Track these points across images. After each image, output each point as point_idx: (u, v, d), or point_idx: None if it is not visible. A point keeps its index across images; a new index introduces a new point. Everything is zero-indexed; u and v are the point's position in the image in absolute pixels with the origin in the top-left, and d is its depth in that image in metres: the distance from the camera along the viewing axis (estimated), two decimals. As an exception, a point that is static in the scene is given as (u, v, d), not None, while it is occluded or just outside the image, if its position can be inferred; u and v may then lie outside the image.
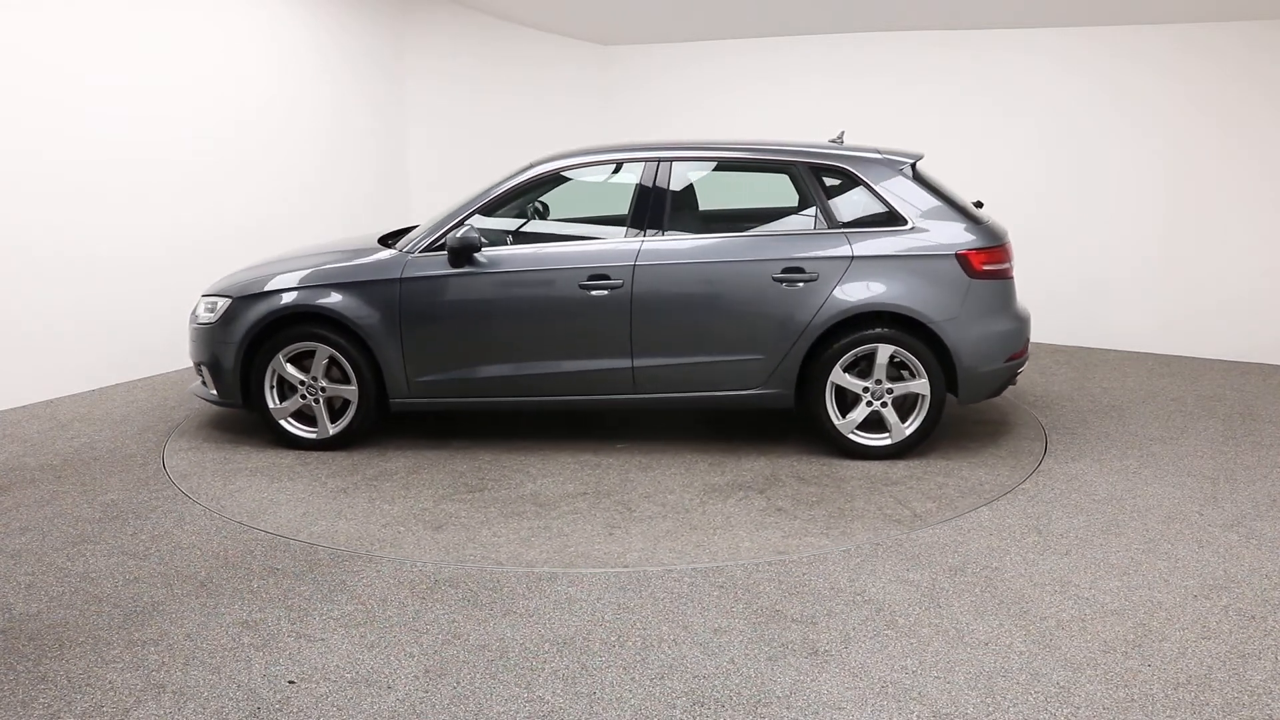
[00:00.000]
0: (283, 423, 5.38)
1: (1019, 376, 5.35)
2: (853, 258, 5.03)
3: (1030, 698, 3.00)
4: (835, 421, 5.12)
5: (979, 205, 5.52)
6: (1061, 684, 3.07)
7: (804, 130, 6.99)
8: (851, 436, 5.14)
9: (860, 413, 5.10)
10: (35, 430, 5.72)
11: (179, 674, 3.16)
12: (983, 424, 5.78)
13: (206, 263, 7.13)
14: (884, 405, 5.09)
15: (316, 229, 7.76)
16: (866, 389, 5.08)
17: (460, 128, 9.01)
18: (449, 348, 5.21)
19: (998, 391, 5.25)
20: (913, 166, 5.24)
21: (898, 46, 8.25)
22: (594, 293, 5.11)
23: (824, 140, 5.54)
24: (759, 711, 2.94)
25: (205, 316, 5.46)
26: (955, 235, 5.06)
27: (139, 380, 6.85)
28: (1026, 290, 6.08)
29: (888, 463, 5.10)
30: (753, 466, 5.08)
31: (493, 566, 3.94)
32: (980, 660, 3.22)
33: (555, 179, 5.44)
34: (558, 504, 4.63)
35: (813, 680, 3.11)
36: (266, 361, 5.29)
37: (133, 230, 6.71)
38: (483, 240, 5.15)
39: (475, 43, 9.00)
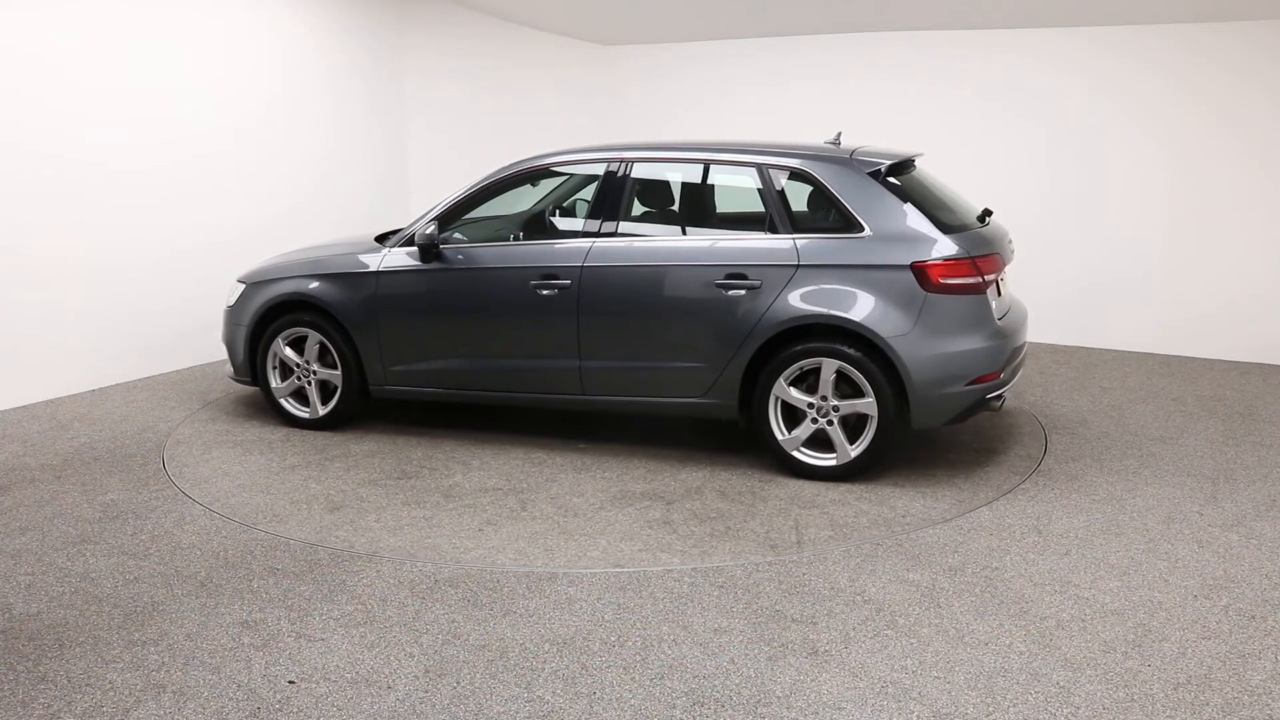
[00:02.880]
0: (282, 401, 5.78)
1: (1001, 402, 4.89)
2: (798, 266, 4.75)
3: (1030, 698, 3.00)
4: (779, 437, 4.84)
5: (987, 214, 5.26)
6: (1061, 684, 3.07)
7: (805, 130, 6.99)
8: (796, 454, 4.83)
9: (805, 430, 4.80)
10: (35, 430, 5.73)
11: (179, 674, 3.16)
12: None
13: (207, 263, 7.14)
14: (830, 423, 4.76)
15: (318, 230, 7.75)
16: (812, 405, 4.78)
17: (462, 128, 9.01)
18: (417, 339, 5.45)
19: (963, 417, 4.81)
20: (890, 169, 4.89)
21: (898, 46, 8.24)
22: (543, 292, 5.13)
23: (820, 141, 5.39)
24: (759, 711, 2.94)
25: (229, 300, 5.93)
26: (912, 244, 4.65)
27: (139, 380, 6.86)
28: (1027, 291, 6.07)
29: (830, 484, 4.77)
30: (686, 477, 4.95)
31: (493, 566, 3.94)
32: (980, 660, 3.22)
33: (527, 178, 5.54)
34: (463, 497, 4.71)
35: (813, 680, 3.11)
36: (269, 344, 5.70)
37: (133, 231, 6.70)
38: (438, 237, 5.31)
39: (476, 43, 8.99)
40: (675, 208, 5.49)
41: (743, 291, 4.82)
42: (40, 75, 6.08)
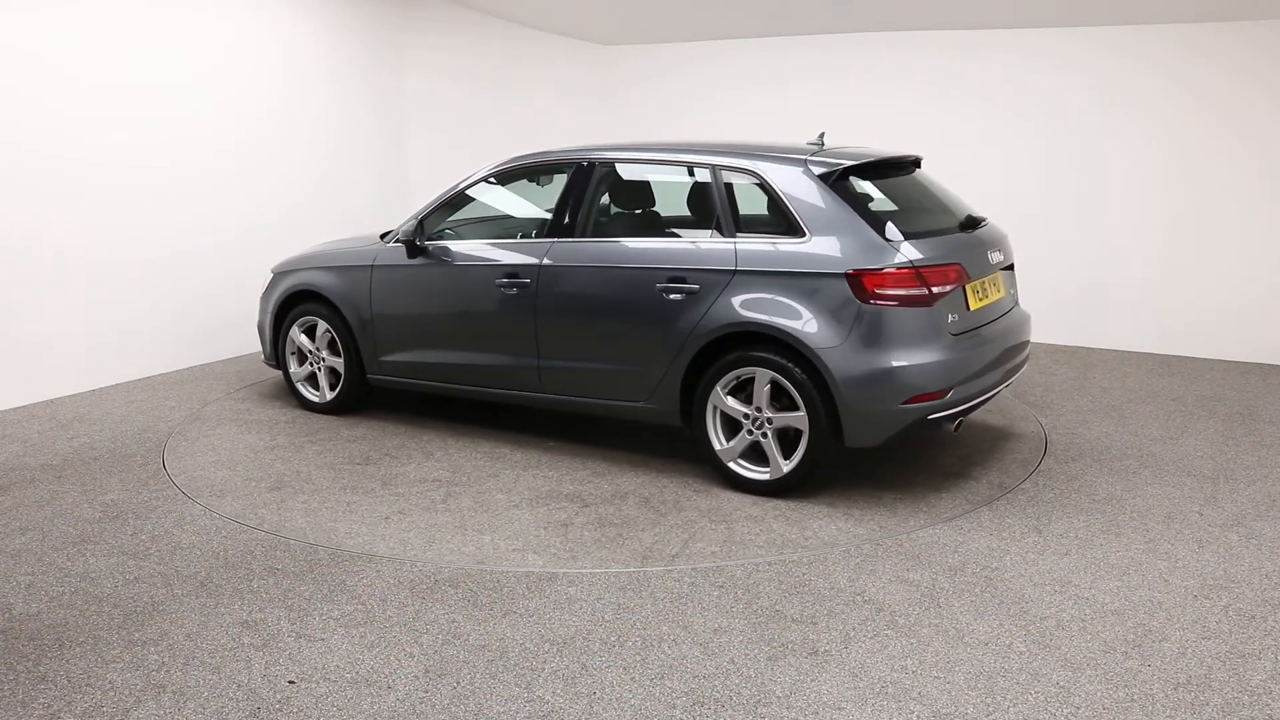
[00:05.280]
0: (298, 385, 6.13)
1: (958, 424, 4.66)
2: (735, 271, 4.60)
3: (1030, 698, 3.00)
4: (716, 447, 4.70)
5: (978, 220, 5.05)
6: (1061, 684, 3.07)
7: (804, 130, 6.99)
8: (733, 466, 4.67)
9: (741, 441, 4.64)
10: (35, 430, 5.72)
11: (179, 674, 3.16)
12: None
13: (207, 263, 7.15)
14: (764, 435, 4.58)
15: (318, 230, 7.75)
16: (747, 416, 4.62)
17: (462, 127, 9.01)
18: (402, 332, 5.66)
19: (904, 437, 4.52)
20: (849, 171, 4.67)
21: (898, 46, 8.24)
22: (506, 290, 5.22)
23: (802, 141, 5.19)
24: (759, 711, 2.94)
25: (263, 288, 6.32)
26: (850, 252, 4.39)
27: (139, 380, 6.85)
28: (1026, 291, 6.07)
29: (762, 499, 4.60)
30: (624, 481, 4.87)
31: (493, 566, 3.94)
32: (980, 660, 3.22)
33: (509, 178, 5.65)
34: (398, 485, 4.84)
35: (813, 680, 3.11)
36: (287, 331, 6.08)
37: (134, 231, 6.70)
38: (420, 234, 5.51)
39: (476, 43, 8.99)
40: (635, 209, 5.46)
41: (681, 295, 4.72)
42: (40, 75, 6.08)
